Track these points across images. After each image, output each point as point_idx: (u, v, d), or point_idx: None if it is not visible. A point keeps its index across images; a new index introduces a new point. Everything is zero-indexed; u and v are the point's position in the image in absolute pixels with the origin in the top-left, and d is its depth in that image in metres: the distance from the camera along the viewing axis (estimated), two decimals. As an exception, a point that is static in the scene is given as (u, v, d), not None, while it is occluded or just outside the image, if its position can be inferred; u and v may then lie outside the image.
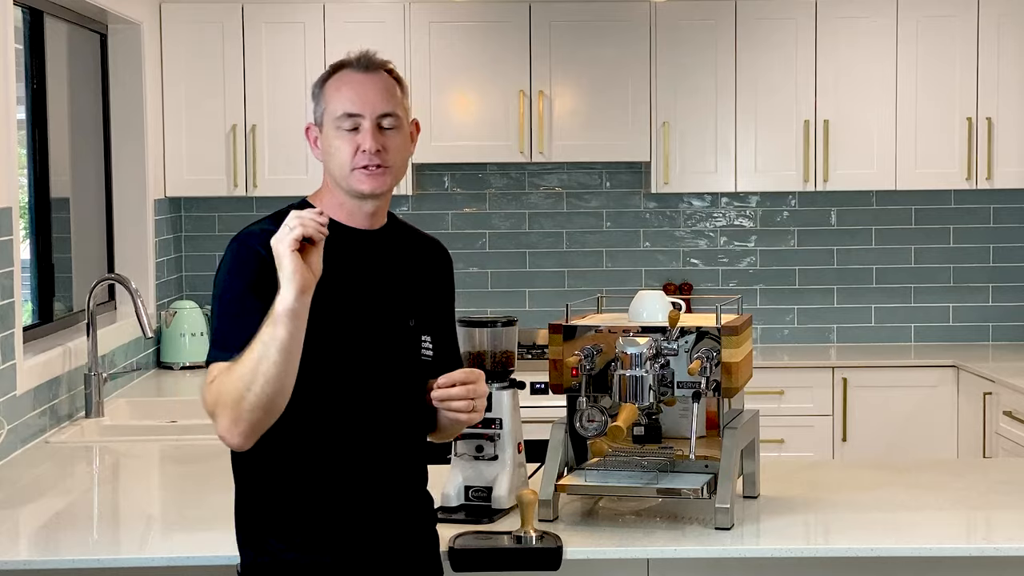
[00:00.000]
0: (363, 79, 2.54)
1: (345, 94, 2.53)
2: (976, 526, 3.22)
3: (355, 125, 2.52)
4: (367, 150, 2.50)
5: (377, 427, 2.54)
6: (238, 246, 2.49)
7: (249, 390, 2.32)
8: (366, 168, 2.51)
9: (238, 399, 2.33)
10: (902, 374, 5.80)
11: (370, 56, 2.56)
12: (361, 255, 2.57)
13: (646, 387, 2.96)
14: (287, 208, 2.57)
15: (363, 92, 2.53)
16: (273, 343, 2.31)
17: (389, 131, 2.54)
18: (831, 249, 6.29)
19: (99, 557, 2.87)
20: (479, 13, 5.84)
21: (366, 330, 2.49)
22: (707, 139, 5.90)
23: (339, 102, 2.53)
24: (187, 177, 5.83)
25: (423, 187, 6.22)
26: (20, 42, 4.57)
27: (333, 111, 2.53)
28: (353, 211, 2.57)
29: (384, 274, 2.58)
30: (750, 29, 5.85)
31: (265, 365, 2.32)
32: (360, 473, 2.54)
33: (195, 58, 5.76)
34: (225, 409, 2.35)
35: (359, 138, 2.51)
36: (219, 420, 2.37)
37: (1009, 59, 5.83)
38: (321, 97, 2.57)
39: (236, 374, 2.34)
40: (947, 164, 5.88)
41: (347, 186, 2.54)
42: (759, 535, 2.97)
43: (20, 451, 3.98)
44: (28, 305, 4.64)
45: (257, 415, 2.35)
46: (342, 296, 2.49)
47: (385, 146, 2.52)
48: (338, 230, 2.54)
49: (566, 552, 2.84)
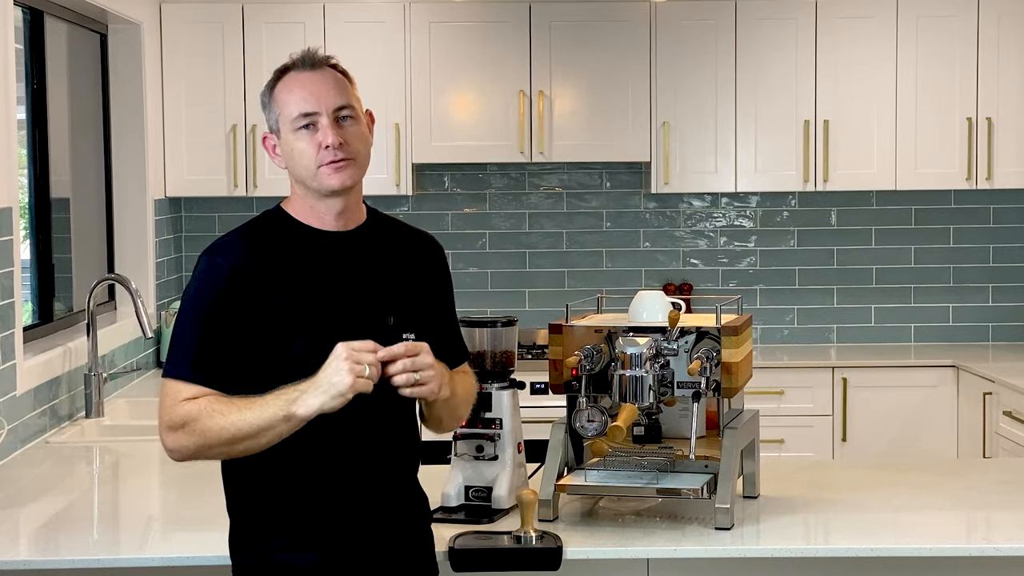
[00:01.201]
0: (311, 77, 2.54)
1: (297, 94, 2.53)
2: (976, 526, 3.22)
3: (312, 122, 2.52)
4: (330, 144, 2.50)
5: (362, 427, 2.54)
6: (207, 262, 2.52)
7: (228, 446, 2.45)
8: (332, 163, 2.52)
9: (209, 445, 2.45)
10: (902, 374, 5.80)
11: (313, 54, 2.57)
12: (334, 257, 2.56)
13: (646, 387, 2.96)
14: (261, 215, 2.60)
15: (314, 90, 2.53)
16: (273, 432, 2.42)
17: (347, 123, 2.54)
18: (831, 249, 6.29)
19: (99, 557, 2.87)
20: (479, 13, 5.84)
21: (342, 331, 2.48)
22: (707, 139, 5.90)
23: (293, 104, 2.53)
24: (187, 177, 5.83)
25: (423, 187, 6.22)
26: (20, 42, 4.57)
27: (288, 114, 2.53)
28: (324, 213, 2.57)
29: (359, 274, 2.57)
30: (750, 29, 5.85)
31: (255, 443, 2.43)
32: (344, 473, 2.54)
33: (195, 58, 5.76)
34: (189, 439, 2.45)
35: (319, 136, 2.51)
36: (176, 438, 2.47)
37: (1009, 59, 5.83)
38: (272, 104, 2.57)
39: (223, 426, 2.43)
40: (947, 164, 5.88)
41: (317, 185, 2.53)
42: (759, 535, 2.97)
43: (20, 451, 3.98)
44: (28, 305, 4.64)
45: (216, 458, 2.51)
46: (316, 299, 2.50)
47: (346, 138, 2.53)
48: (309, 234, 2.56)
49: (566, 552, 2.84)
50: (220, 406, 2.43)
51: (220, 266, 2.48)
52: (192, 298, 2.51)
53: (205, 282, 2.50)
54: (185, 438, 2.45)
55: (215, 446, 2.44)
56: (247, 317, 2.46)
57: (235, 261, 2.48)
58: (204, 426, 2.43)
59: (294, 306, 2.47)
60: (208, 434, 2.43)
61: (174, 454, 2.49)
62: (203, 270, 2.51)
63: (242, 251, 2.50)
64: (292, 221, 2.58)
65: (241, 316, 2.46)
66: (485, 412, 3.12)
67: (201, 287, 2.50)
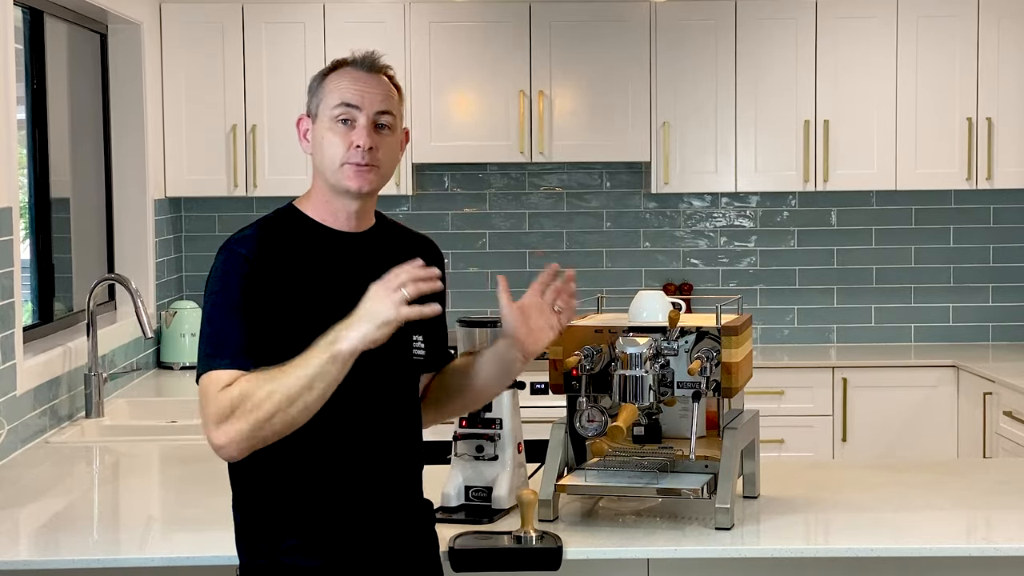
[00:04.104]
0: (366, 77, 2.56)
1: (346, 86, 2.54)
2: (976, 526, 3.22)
3: (351, 117, 2.52)
4: (360, 146, 2.51)
5: (369, 428, 2.54)
6: (227, 254, 2.50)
7: (282, 413, 2.35)
8: (357, 165, 2.52)
9: (266, 418, 2.35)
10: (902, 374, 5.80)
11: (374, 58, 2.58)
12: (346, 257, 2.57)
13: (646, 387, 2.96)
14: (274, 213, 2.60)
15: (364, 88, 2.54)
16: (324, 379, 2.34)
17: (383, 132, 2.54)
18: (831, 249, 6.29)
19: (99, 557, 2.87)
20: (479, 13, 5.84)
21: None
22: (707, 139, 5.90)
23: (339, 92, 2.53)
24: (187, 177, 5.83)
25: (423, 187, 6.22)
26: (20, 42, 4.57)
27: (331, 102, 2.53)
28: (338, 211, 2.57)
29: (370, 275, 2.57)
30: (750, 29, 5.85)
31: (310, 396, 2.34)
32: (352, 475, 2.54)
33: (195, 58, 5.76)
34: (242, 423, 2.36)
35: (354, 134, 2.52)
36: (228, 429, 2.37)
37: (1009, 59, 5.83)
38: (319, 89, 2.57)
39: (271, 392, 2.34)
40: (947, 164, 5.88)
41: (335, 181, 2.54)
42: (759, 535, 2.97)
43: (20, 451, 3.98)
44: (28, 305, 4.64)
45: (274, 435, 2.38)
46: (328, 299, 2.49)
47: (378, 145, 2.53)
48: (322, 233, 2.56)
49: (566, 552, 2.84)
50: (261, 379, 2.37)
51: (242, 255, 2.47)
52: (219, 291, 2.47)
53: (230, 273, 2.47)
54: (238, 423, 2.36)
55: (271, 416, 2.35)
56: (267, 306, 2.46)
57: (255, 251, 2.48)
58: (253, 402, 2.35)
59: (302, 302, 2.46)
60: (261, 407, 2.34)
61: (230, 447, 2.38)
62: (225, 260, 2.49)
63: (258, 244, 2.50)
64: (305, 219, 2.58)
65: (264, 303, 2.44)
66: (485, 412, 3.12)
67: (227, 278, 2.47)
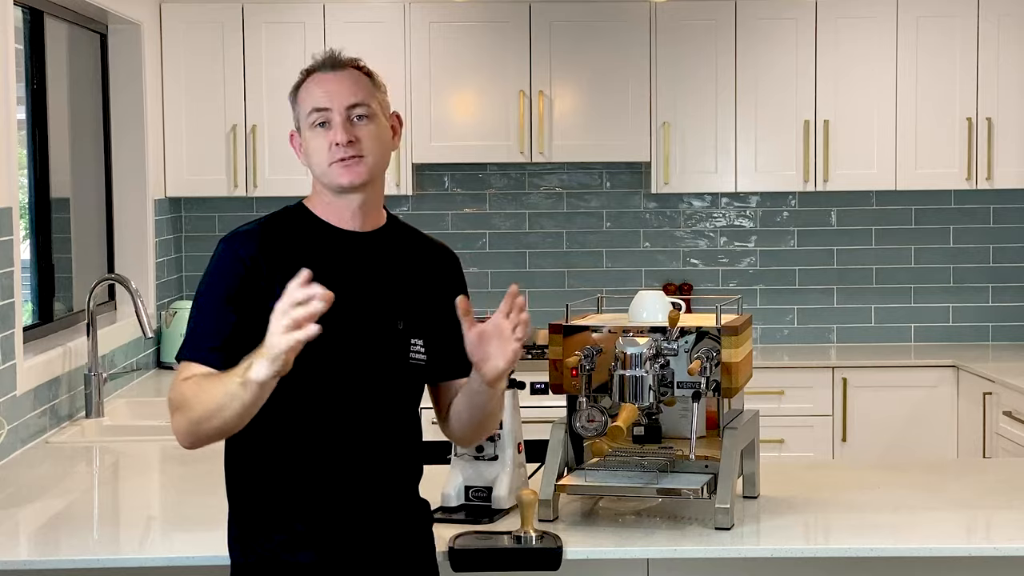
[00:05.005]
0: (331, 77, 2.58)
1: (314, 92, 2.57)
2: (976, 526, 3.22)
3: (325, 119, 2.55)
4: (339, 142, 2.53)
5: (361, 428, 2.54)
6: (225, 248, 2.53)
7: (208, 421, 2.39)
8: (342, 160, 2.54)
9: (197, 420, 2.41)
10: (902, 374, 5.80)
11: (335, 55, 2.61)
12: (348, 256, 2.57)
13: (646, 387, 2.96)
14: (282, 210, 2.61)
15: (330, 88, 2.56)
16: (236, 400, 2.34)
17: (360, 122, 2.56)
18: (831, 249, 6.29)
19: (99, 557, 2.87)
20: (479, 13, 5.84)
21: (349, 331, 2.49)
22: (707, 139, 5.90)
23: (310, 100, 2.57)
24: (187, 177, 5.83)
25: (423, 187, 6.22)
26: (20, 42, 4.57)
27: (305, 110, 2.57)
28: (341, 210, 2.59)
29: (372, 276, 2.58)
30: (750, 29, 5.85)
31: (227, 413, 2.36)
32: (344, 473, 2.54)
33: (195, 58, 5.76)
34: (183, 418, 2.43)
35: (331, 133, 2.54)
36: (175, 421, 2.45)
37: (1009, 59, 5.83)
38: (295, 103, 2.61)
39: (201, 399, 2.39)
40: (947, 164, 5.88)
41: (328, 182, 2.56)
42: (759, 535, 2.97)
43: (20, 451, 3.98)
44: (28, 305, 4.64)
45: (218, 435, 2.45)
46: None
47: (357, 136, 2.54)
48: (328, 231, 2.57)
49: (566, 552, 2.84)
50: (200, 385, 2.40)
51: (237, 252, 2.50)
52: (208, 284, 2.52)
53: (221, 268, 2.51)
54: (181, 418, 2.43)
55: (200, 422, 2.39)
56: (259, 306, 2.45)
57: (252, 250, 2.50)
58: (189, 404, 2.41)
59: None
60: (194, 410, 2.39)
61: (179, 437, 2.46)
62: (220, 255, 2.53)
63: (258, 242, 2.52)
64: (311, 217, 2.60)
65: (254, 304, 2.45)
66: (485, 412, 3.12)
67: (217, 272, 2.51)
